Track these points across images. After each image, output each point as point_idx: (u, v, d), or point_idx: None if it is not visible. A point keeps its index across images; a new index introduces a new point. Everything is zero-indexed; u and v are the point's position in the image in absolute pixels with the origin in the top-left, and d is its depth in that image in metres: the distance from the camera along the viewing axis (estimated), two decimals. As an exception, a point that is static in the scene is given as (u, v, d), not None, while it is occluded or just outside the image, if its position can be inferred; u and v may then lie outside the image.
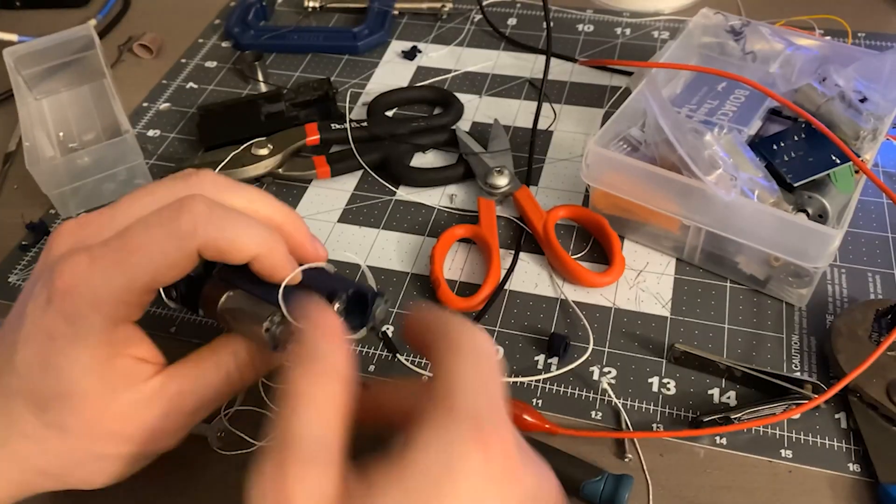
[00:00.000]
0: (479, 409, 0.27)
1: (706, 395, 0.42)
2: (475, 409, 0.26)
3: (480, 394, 0.27)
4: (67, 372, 0.30)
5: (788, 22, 0.68)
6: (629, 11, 0.73)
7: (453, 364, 0.28)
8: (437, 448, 0.25)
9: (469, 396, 0.27)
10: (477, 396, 0.27)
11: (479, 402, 0.27)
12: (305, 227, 0.36)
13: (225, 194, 0.33)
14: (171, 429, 0.33)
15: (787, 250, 0.43)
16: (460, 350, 0.29)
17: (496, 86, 0.65)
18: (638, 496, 0.38)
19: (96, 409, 0.31)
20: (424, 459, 0.25)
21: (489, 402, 0.27)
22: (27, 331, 0.31)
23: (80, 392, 0.30)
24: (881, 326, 0.43)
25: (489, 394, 0.27)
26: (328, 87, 0.63)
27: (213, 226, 0.30)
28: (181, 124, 0.63)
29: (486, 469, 0.25)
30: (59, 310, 0.30)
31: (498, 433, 0.26)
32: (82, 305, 0.30)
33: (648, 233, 0.50)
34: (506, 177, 0.53)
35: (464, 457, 0.25)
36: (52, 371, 0.30)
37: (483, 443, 0.25)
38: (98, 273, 0.30)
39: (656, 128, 0.46)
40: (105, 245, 0.30)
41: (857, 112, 0.49)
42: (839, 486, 0.38)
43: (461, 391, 0.27)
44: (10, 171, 0.60)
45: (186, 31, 0.74)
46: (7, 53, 0.59)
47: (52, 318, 0.30)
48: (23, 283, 0.51)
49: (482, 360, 0.29)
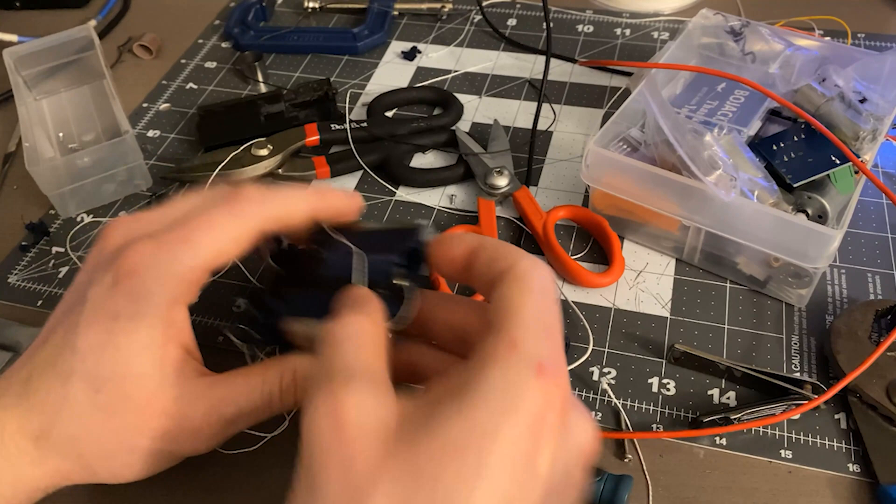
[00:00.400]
0: (543, 350, 0.27)
1: (706, 395, 0.42)
2: (539, 350, 0.27)
3: (544, 334, 0.27)
4: (126, 351, 0.31)
5: (788, 22, 0.68)
6: (629, 12, 0.73)
7: (518, 298, 0.28)
8: (503, 385, 0.26)
9: (533, 335, 0.27)
10: (540, 336, 0.27)
11: (543, 343, 0.27)
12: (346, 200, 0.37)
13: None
14: (207, 433, 0.33)
15: (787, 251, 0.43)
16: (525, 285, 0.29)
17: (496, 86, 0.65)
18: (638, 497, 0.38)
19: (147, 394, 0.32)
20: (488, 394, 0.25)
21: (552, 343, 0.27)
22: (90, 313, 0.32)
23: (135, 374, 0.31)
24: (881, 327, 0.43)
25: (552, 335, 0.28)
26: (328, 87, 0.63)
27: (268, 200, 0.34)
28: (181, 125, 0.63)
29: (546, 412, 0.26)
30: (125, 290, 0.31)
31: (558, 378, 0.26)
32: (148, 283, 0.32)
33: (648, 233, 0.50)
34: (505, 177, 0.53)
35: (527, 397, 0.25)
36: (112, 350, 0.31)
37: (545, 385, 0.26)
38: (164, 253, 0.32)
39: (656, 128, 0.46)
40: (169, 230, 0.33)
41: (856, 113, 0.49)
42: (839, 487, 0.38)
43: (527, 329, 0.27)
44: (10, 172, 0.60)
45: (186, 31, 0.74)
46: (7, 54, 0.59)
47: (116, 298, 0.32)
48: (23, 284, 0.51)
49: (547, 300, 0.29)
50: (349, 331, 0.29)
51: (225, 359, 0.37)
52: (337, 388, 0.26)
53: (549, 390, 0.26)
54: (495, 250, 0.31)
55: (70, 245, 0.53)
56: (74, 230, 0.54)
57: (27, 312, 0.49)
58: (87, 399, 0.32)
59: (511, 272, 0.29)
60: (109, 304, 0.32)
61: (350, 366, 0.27)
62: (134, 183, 0.56)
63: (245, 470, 0.40)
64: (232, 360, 0.37)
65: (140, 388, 0.32)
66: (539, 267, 0.30)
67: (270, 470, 0.40)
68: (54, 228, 0.54)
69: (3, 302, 0.50)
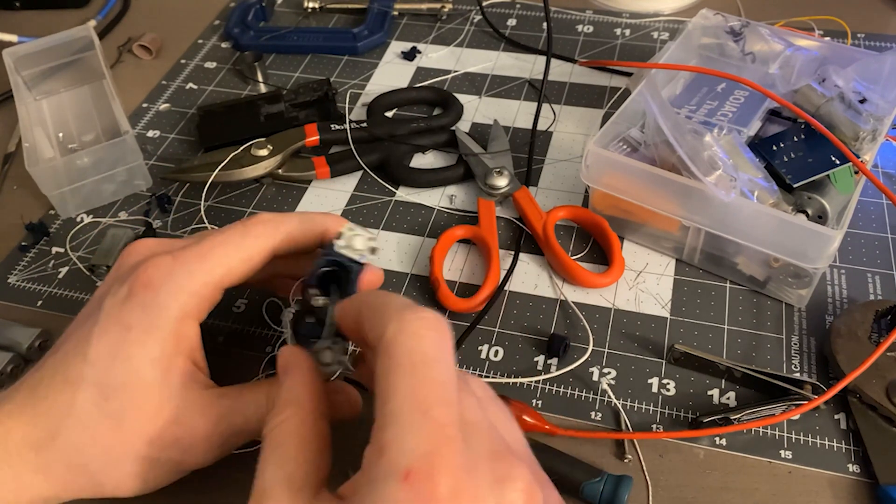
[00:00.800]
0: (415, 446, 0.23)
1: (706, 395, 0.42)
2: (408, 448, 0.23)
3: (419, 420, 0.24)
4: (137, 361, 0.32)
5: (788, 23, 0.68)
6: (629, 12, 0.73)
7: (384, 380, 0.25)
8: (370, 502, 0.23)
9: (402, 430, 0.24)
10: (412, 427, 0.24)
11: (414, 437, 0.24)
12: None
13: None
14: (215, 442, 0.34)
15: (787, 251, 0.43)
16: (392, 361, 0.25)
17: (496, 86, 0.65)
18: (638, 497, 0.38)
19: (155, 404, 0.32)
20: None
21: (430, 427, 0.24)
22: (103, 323, 0.33)
23: (144, 384, 0.32)
24: (881, 327, 0.43)
25: (429, 413, 0.24)
26: (328, 87, 0.63)
27: (280, 222, 0.36)
28: (181, 125, 0.63)
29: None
30: (139, 302, 0.33)
31: (432, 476, 0.23)
32: (162, 296, 0.33)
33: (648, 234, 0.50)
34: (505, 177, 0.53)
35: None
36: (123, 360, 0.32)
37: (413, 492, 0.23)
38: (180, 267, 0.33)
39: (656, 128, 0.46)
40: (186, 248, 0.34)
41: (856, 113, 0.49)
42: (839, 487, 0.38)
43: (395, 423, 0.24)
44: (10, 172, 0.60)
45: (186, 31, 0.74)
46: (7, 54, 0.59)
47: (130, 309, 0.33)
48: (23, 284, 0.51)
49: (422, 370, 0.25)
50: (272, 431, 0.29)
51: (224, 362, 0.37)
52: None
53: (422, 495, 0.22)
54: (372, 313, 0.28)
55: (70, 245, 0.53)
56: (74, 230, 0.54)
57: (27, 313, 0.49)
58: (95, 406, 0.32)
59: (381, 345, 0.26)
60: (123, 315, 0.33)
61: (265, 484, 0.28)
62: (134, 183, 0.56)
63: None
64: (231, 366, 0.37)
65: (149, 397, 0.32)
66: (409, 328, 0.26)
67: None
68: (54, 229, 0.54)
69: (3, 302, 0.50)
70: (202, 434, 0.33)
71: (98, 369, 0.32)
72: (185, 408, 0.33)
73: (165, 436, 0.32)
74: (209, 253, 0.34)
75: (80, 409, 0.32)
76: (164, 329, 0.32)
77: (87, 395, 0.32)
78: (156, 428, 0.32)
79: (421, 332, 0.26)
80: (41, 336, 0.46)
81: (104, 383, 0.32)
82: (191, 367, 0.34)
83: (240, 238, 0.35)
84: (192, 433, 0.33)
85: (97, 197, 0.55)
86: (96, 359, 0.32)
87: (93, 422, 0.32)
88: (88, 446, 0.32)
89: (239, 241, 0.35)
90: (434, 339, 0.26)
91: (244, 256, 0.34)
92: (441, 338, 0.26)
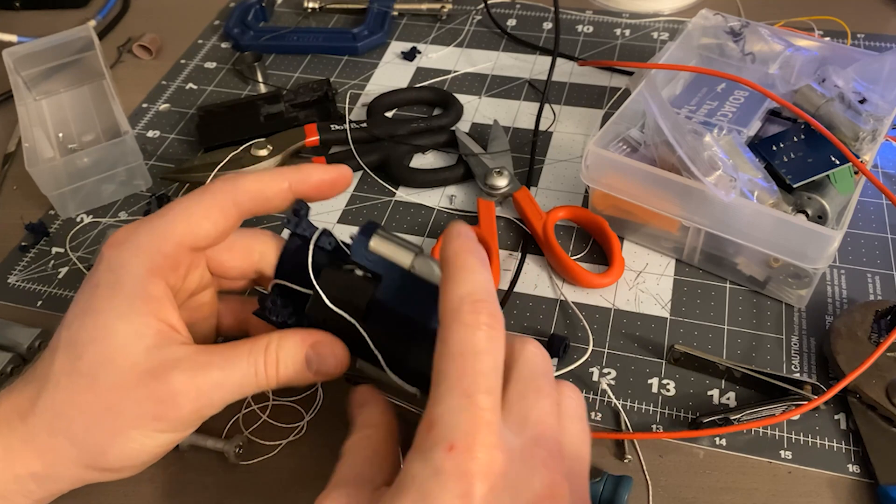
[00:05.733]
0: (459, 423, 0.27)
1: (706, 396, 0.42)
2: (453, 423, 0.27)
3: (463, 401, 0.27)
4: (105, 316, 0.32)
5: (788, 23, 0.68)
6: (628, 12, 0.73)
7: (439, 363, 0.28)
8: (420, 472, 0.26)
9: (448, 409, 0.27)
10: (456, 407, 0.27)
11: (459, 415, 0.27)
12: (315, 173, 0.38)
13: None
14: (192, 398, 0.33)
15: (787, 251, 0.43)
16: (447, 349, 0.28)
17: (496, 87, 0.65)
18: (637, 497, 0.38)
19: (129, 359, 0.32)
20: (409, 485, 0.27)
21: (472, 409, 0.27)
22: (79, 290, 0.34)
23: (114, 337, 0.32)
24: (880, 327, 0.43)
25: (472, 396, 0.27)
26: (328, 87, 0.63)
27: (241, 176, 0.36)
28: (181, 125, 0.63)
29: (467, 497, 0.26)
30: (106, 263, 0.34)
31: (473, 455, 0.26)
32: (125, 254, 0.34)
33: (648, 234, 0.50)
34: (505, 178, 0.53)
35: (442, 491, 0.26)
36: (91, 316, 0.33)
37: (456, 463, 0.26)
38: (142, 227, 0.34)
39: (656, 129, 0.46)
40: (150, 215, 0.35)
41: (856, 113, 0.49)
42: (839, 487, 0.38)
43: (441, 403, 0.27)
44: (10, 172, 0.60)
45: (186, 31, 0.74)
46: (6, 54, 0.59)
47: (98, 270, 0.34)
48: (22, 284, 0.51)
49: (470, 361, 0.28)
50: (351, 443, 0.33)
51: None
52: (324, 493, 0.30)
53: (459, 466, 0.26)
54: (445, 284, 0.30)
55: (70, 245, 0.53)
56: (74, 230, 0.54)
57: (27, 313, 0.49)
58: (70, 365, 0.32)
59: (440, 329, 0.29)
60: (92, 277, 0.34)
61: (338, 478, 0.31)
62: (134, 183, 0.56)
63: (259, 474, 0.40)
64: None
65: (121, 352, 0.32)
66: (465, 319, 0.29)
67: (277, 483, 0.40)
68: (54, 229, 0.54)
69: (3, 302, 0.50)
70: (178, 389, 0.32)
71: (71, 330, 0.33)
72: (160, 362, 0.32)
73: (144, 392, 0.32)
74: (169, 212, 0.35)
75: (58, 371, 0.32)
76: (129, 285, 0.33)
77: (62, 354, 0.32)
78: (132, 381, 0.32)
79: (474, 324, 0.29)
80: (41, 336, 0.46)
81: (76, 341, 0.32)
82: (165, 327, 0.33)
83: (199, 195, 0.35)
84: (171, 388, 0.32)
85: (97, 197, 0.55)
86: (70, 320, 0.33)
87: (69, 381, 0.32)
88: (67, 406, 0.32)
89: (198, 197, 0.35)
90: (485, 335, 0.28)
91: (204, 212, 0.35)
92: (492, 334, 0.29)
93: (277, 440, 0.41)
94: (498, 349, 0.29)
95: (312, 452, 0.41)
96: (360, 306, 0.34)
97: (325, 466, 0.32)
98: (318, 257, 0.36)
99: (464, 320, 0.29)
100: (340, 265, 0.36)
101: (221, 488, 0.39)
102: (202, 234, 0.35)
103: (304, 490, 0.39)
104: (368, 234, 0.35)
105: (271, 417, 0.42)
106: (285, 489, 0.39)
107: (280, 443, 0.41)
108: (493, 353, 0.29)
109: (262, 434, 0.41)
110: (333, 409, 0.42)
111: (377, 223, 0.36)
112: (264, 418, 0.42)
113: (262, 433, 0.41)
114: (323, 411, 0.42)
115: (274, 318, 0.36)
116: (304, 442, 0.41)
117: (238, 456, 0.40)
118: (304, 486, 0.39)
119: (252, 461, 0.40)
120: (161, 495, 0.39)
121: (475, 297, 0.29)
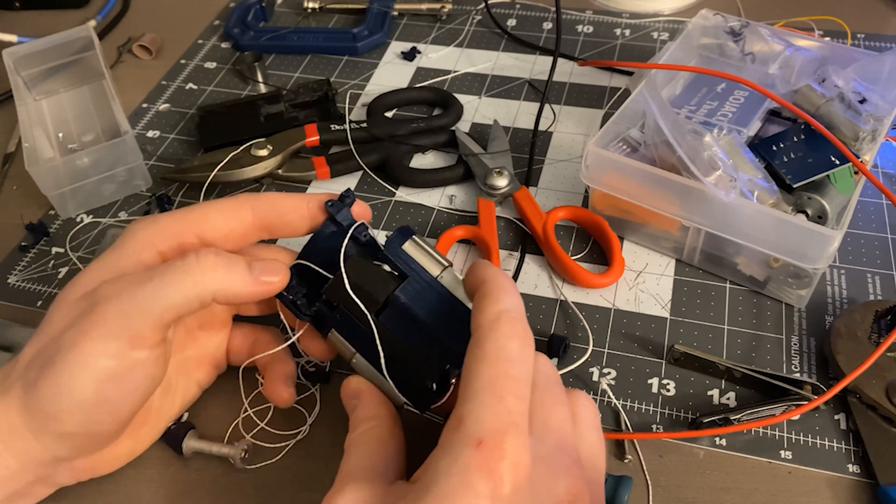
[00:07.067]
0: (487, 419, 0.27)
1: (706, 396, 0.42)
2: (483, 419, 0.27)
3: (492, 401, 0.28)
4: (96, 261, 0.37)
5: (788, 23, 0.68)
6: (628, 12, 0.73)
7: (471, 364, 0.29)
8: (447, 468, 0.27)
9: (479, 406, 0.28)
10: (487, 405, 0.28)
11: (489, 413, 0.27)
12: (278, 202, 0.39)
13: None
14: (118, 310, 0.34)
15: (787, 251, 0.43)
16: (480, 352, 0.29)
17: (496, 87, 0.65)
18: (637, 497, 0.38)
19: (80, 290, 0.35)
20: (437, 479, 0.27)
21: (501, 408, 0.27)
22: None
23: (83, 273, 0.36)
24: (880, 327, 0.43)
25: (503, 398, 0.28)
26: (328, 87, 0.63)
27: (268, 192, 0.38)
28: (181, 125, 0.63)
29: (491, 482, 0.26)
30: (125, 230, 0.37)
31: (503, 454, 0.26)
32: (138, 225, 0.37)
33: (648, 234, 0.50)
34: (505, 178, 0.53)
35: (469, 487, 0.26)
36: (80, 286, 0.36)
37: (484, 459, 0.26)
38: (165, 213, 0.37)
39: (656, 129, 0.46)
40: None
41: (856, 113, 0.49)
42: (839, 488, 0.38)
43: (473, 400, 0.28)
44: (10, 172, 0.60)
45: (186, 31, 0.74)
46: (6, 54, 0.59)
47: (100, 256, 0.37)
48: (22, 284, 0.51)
49: (502, 364, 0.29)
50: (355, 437, 0.34)
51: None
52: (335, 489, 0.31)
53: (488, 462, 0.26)
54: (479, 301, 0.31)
55: (70, 245, 0.53)
56: (74, 230, 0.54)
57: (27, 313, 0.49)
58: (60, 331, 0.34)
59: (475, 334, 0.30)
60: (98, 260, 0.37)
61: (348, 470, 0.32)
62: (134, 183, 0.56)
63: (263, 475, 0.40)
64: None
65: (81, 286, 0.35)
66: (503, 328, 0.30)
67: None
68: (54, 229, 0.54)
69: (3, 302, 0.50)
70: (106, 293, 0.34)
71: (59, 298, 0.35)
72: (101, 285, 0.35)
73: (76, 308, 0.34)
74: (189, 208, 0.38)
75: (45, 342, 0.34)
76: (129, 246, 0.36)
77: (49, 328, 0.34)
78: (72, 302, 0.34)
79: (510, 334, 0.30)
80: (41, 336, 0.46)
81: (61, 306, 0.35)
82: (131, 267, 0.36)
83: (222, 198, 0.38)
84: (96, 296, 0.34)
85: (97, 197, 0.55)
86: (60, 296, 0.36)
87: (53, 349, 0.33)
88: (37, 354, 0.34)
89: (220, 198, 0.38)
90: (519, 345, 0.30)
91: (218, 207, 0.37)
92: (525, 346, 0.30)
93: (278, 443, 0.41)
94: (530, 362, 0.30)
95: (312, 453, 0.41)
96: (379, 300, 0.35)
97: (325, 467, 0.32)
98: (350, 247, 0.37)
99: (501, 330, 0.30)
100: (370, 259, 0.36)
101: (222, 490, 0.39)
102: (211, 225, 0.37)
103: (306, 492, 0.39)
104: (405, 235, 0.36)
105: (272, 420, 0.42)
106: (285, 489, 0.39)
107: (287, 444, 0.41)
108: (525, 363, 0.29)
109: (263, 437, 0.41)
110: (333, 410, 0.42)
111: (413, 229, 0.37)
112: (262, 425, 0.42)
113: (263, 435, 0.41)
114: (323, 413, 0.42)
115: (285, 293, 0.37)
116: (305, 444, 0.41)
117: (244, 460, 0.40)
118: (304, 487, 0.39)
119: (254, 466, 0.40)
120: (162, 496, 0.39)
121: (512, 314, 0.30)
